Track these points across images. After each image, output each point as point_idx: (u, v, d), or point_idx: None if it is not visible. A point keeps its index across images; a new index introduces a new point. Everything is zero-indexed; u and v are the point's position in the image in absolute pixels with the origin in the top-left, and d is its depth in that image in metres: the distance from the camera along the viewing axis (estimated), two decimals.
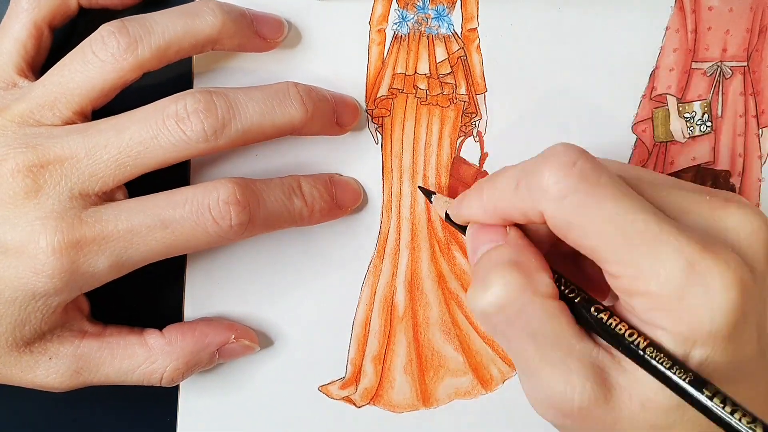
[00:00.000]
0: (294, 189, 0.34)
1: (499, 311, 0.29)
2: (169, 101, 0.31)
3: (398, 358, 0.39)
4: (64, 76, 0.32)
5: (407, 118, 0.37)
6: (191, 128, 0.31)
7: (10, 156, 0.31)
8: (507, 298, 0.29)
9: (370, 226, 0.38)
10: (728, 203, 0.29)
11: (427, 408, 0.39)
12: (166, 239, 0.31)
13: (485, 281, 0.29)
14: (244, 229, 0.32)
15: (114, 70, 0.32)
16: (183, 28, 0.32)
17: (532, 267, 0.30)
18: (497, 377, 0.39)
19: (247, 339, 0.37)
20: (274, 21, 0.35)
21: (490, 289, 0.29)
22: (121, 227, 0.31)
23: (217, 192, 0.32)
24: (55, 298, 0.32)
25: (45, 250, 0.30)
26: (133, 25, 0.32)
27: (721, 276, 0.26)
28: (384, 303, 0.38)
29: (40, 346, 0.33)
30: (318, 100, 0.34)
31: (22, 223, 0.31)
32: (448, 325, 0.39)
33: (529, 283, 0.29)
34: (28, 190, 0.31)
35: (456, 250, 0.38)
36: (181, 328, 0.36)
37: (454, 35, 0.37)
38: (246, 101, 0.32)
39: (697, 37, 0.38)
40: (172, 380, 0.35)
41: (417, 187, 0.38)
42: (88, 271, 0.31)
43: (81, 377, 0.34)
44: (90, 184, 0.31)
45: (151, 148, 0.31)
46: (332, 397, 0.39)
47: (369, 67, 0.37)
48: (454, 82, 0.37)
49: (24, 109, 0.32)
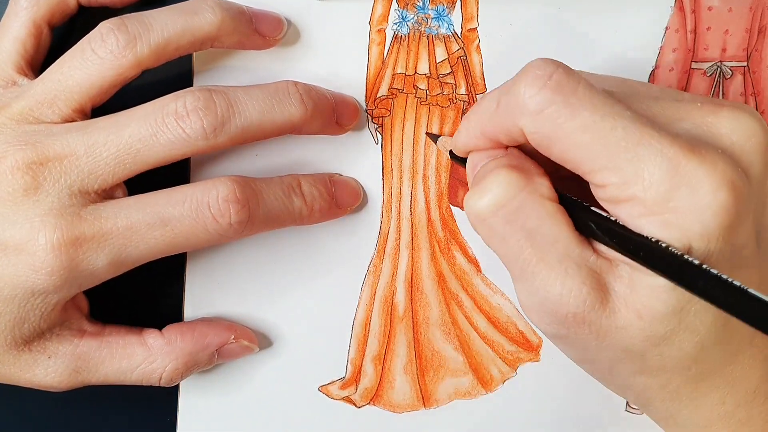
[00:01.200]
0: (294, 188, 0.34)
1: (497, 210, 0.29)
2: (168, 99, 0.32)
3: (398, 358, 0.39)
4: (64, 73, 0.32)
5: (407, 118, 0.37)
6: (191, 126, 0.31)
7: (10, 153, 0.31)
8: (505, 196, 0.28)
9: (370, 226, 0.38)
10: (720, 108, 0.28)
11: (427, 408, 0.39)
12: (166, 237, 0.31)
13: (483, 185, 0.29)
14: (244, 227, 0.32)
15: (113, 67, 0.32)
16: (182, 25, 0.32)
17: (532, 171, 0.29)
18: (497, 377, 0.39)
19: (247, 339, 0.37)
20: (273, 18, 0.35)
21: (489, 189, 0.29)
22: (121, 224, 0.31)
23: (216, 190, 0.32)
24: (54, 296, 0.32)
25: (44, 247, 0.30)
26: (132, 22, 0.32)
27: (708, 177, 0.26)
28: (384, 303, 0.38)
29: (39, 344, 0.33)
30: (318, 99, 0.34)
31: (21, 221, 0.31)
32: (448, 325, 0.39)
33: (528, 183, 0.29)
34: (28, 187, 0.31)
35: (456, 250, 0.38)
36: (180, 328, 0.36)
37: (454, 35, 0.37)
38: (246, 99, 0.32)
39: (696, 37, 0.38)
40: (171, 380, 0.35)
41: (426, 134, 0.37)
42: (87, 268, 0.31)
43: (80, 377, 0.34)
44: (89, 181, 0.31)
45: (151, 145, 0.31)
46: (332, 397, 0.39)
47: (369, 67, 0.37)
48: (454, 82, 0.37)
49: (23, 107, 0.32)
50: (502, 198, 0.28)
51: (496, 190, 0.29)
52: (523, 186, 0.28)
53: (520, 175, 0.29)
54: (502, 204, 0.28)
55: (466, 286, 0.39)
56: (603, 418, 0.40)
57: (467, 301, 0.39)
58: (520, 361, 0.39)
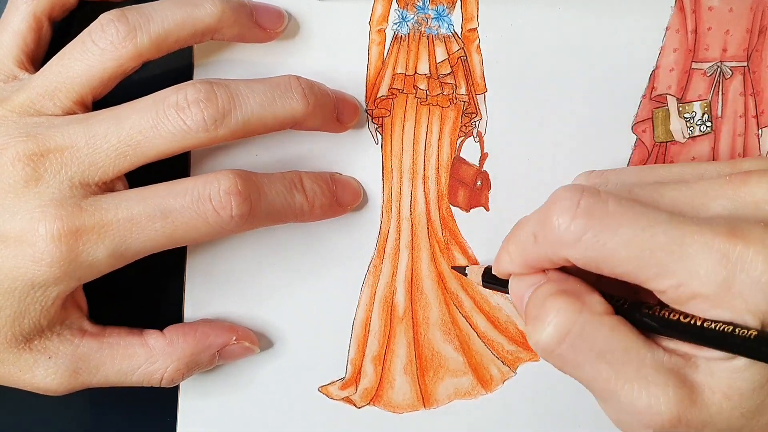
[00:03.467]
0: (295, 183, 0.34)
1: (561, 340, 0.29)
2: (169, 91, 0.32)
3: (398, 359, 0.39)
4: (64, 65, 0.32)
5: (407, 119, 0.37)
6: (191, 118, 0.31)
7: (11, 145, 0.31)
8: (566, 324, 0.29)
9: (369, 226, 0.38)
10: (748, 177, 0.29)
11: (427, 408, 0.39)
12: (166, 229, 0.31)
13: (539, 317, 0.29)
14: (245, 220, 0.32)
15: (113, 58, 0.32)
16: (182, 16, 0.32)
17: (581, 290, 0.30)
18: (497, 377, 0.39)
19: (248, 341, 0.37)
20: (273, 11, 0.35)
21: (547, 321, 0.29)
22: (121, 216, 0.31)
23: (218, 182, 0.32)
24: (54, 288, 0.32)
25: (44, 238, 0.30)
26: (132, 13, 0.32)
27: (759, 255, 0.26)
28: (384, 303, 0.38)
29: (39, 344, 0.33)
30: (320, 94, 0.34)
31: (21, 212, 0.31)
32: (448, 326, 0.39)
33: (582, 305, 0.29)
34: (28, 178, 0.31)
35: (456, 250, 0.38)
36: (182, 329, 0.36)
37: (454, 35, 0.37)
38: (247, 92, 0.32)
39: (697, 38, 0.38)
40: (173, 381, 0.35)
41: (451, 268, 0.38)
42: (87, 259, 0.31)
43: (80, 378, 0.34)
44: (90, 173, 0.31)
45: (151, 137, 0.31)
46: (332, 397, 0.39)
47: (369, 67, 0.37)
48: (454, 83, 0.37)
49: (24, 99, 0.32)
50: (563, 327, 0.29)
51: (554, 320, 0.29)
52: (579, 309, 0.29)
53: (572, 299, 0.29)
54: (565, 333, 0.29)
55: (466, 286, 0.39)
56: (603, 418, 0.40)
57: (467, 301, 0.39)
58: (520, 361, 0.39)
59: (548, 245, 0.29)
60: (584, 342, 0.29)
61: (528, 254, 0.31)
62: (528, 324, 0.30)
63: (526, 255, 0.31)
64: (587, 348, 0.29)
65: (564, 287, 0.30)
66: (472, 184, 0.38)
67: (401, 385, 0.39)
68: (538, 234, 0.30)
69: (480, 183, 0.38)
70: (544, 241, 0.29)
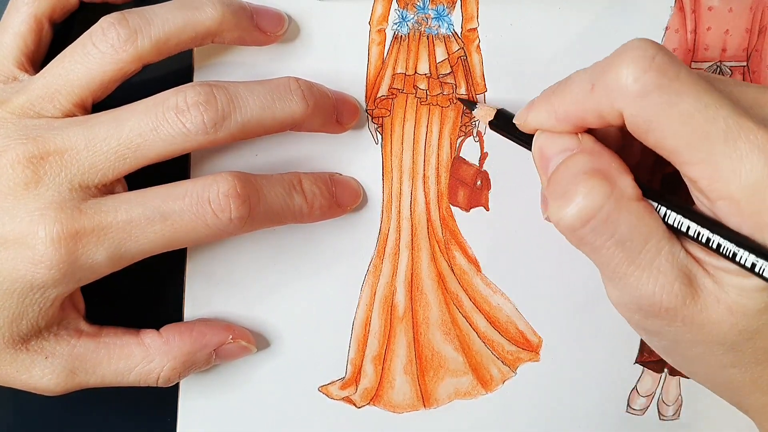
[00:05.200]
0: (294, 185, 0.34)
1: (585, 223, 0.28)
2: (169, 94, 0.32)
3: (398, 359, 0.39)
4: (65, 68, 0.32)
5: (407, 118, 0.37)
6: (191, 120, 0.31)
7: (11, 147, 0.31)
8: (593, 208, 0.28)
9: (369, 226, 0.38)
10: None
11: (427, 408, 0.39)
12: (166, 232, 0.31)
13: (567, 194, 0.28)
14: (244, 222, 0.32)
15: (114, 61, 0.32)
16: (183, 20, 0.32)
17: (614, 171, 0.29)
18: (497, 377, 0.39)
19: (245, 340, 0.37)
20: (274, 14, 0.35)
21: (574, 201, 0.28)
22: (120, 219, 0.31)
23: (217, 185, 0.32)
24: (53, 290, 0.32)
25: (44, 240, 0.30)
26: (133, 16, 0.32)
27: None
28: (384, 303, 0.38)
29: (36, 344, 0.33)
30: (319, 95, 0.34)
31: (21, 214, 0.31)
32: (448, 325, 0.39)
33: (613, 189, 0.28)
34: (28, 181, 0.31)
35: (456, 250, 0.38)
36: (178, 328, 0.36)
37: (454, 35, 0.37)
38: (246, 94, 0.32)
39: (696, 38, 0.38)
40: (169, 380, 0.35)
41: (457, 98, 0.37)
42: (86, 262, 0.31)
43: (77, 378, 0.34)
44: (90, 175, 0.31)
45: (151, 140, 0.31)
46: (332, 397, 0.39)
47: (369, 67, 0.37)
48: (454, 82, 0.37)
49: (24, 101, 0.32)
50: (589, 210, 0.28)
51: (582, 202, 0.28)
52: (609, 193, 0.28)
53: (604, 181, 0.28)
54: (590, 216, 0.28)
55: (466, 286, 0.39)
56: (603, 418, 0.40)
57: (467, 301, 0.39)
58: (520, 361, 0.39)
59: (607, 95, 0.27)
60: (607, 228, 0.28)
61: (577, 105, 0.29)
62: (551, 197, 0.29)
63: (574, 106, 0.29)
64: (609, 233, 0.28)
65: (597, 164, 0.29)
66: (472, 183, 0.38)
67: (401, 385, 0.39)
68: (598, 82, 0.28)
69: (480, 183, 0.38)
70: (603, 91, 0.28)
